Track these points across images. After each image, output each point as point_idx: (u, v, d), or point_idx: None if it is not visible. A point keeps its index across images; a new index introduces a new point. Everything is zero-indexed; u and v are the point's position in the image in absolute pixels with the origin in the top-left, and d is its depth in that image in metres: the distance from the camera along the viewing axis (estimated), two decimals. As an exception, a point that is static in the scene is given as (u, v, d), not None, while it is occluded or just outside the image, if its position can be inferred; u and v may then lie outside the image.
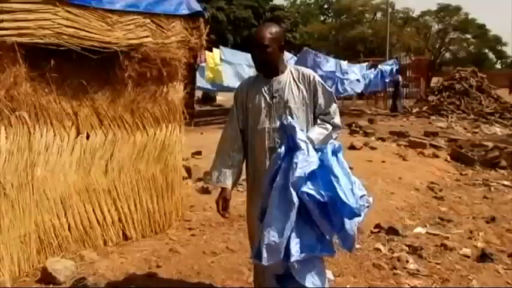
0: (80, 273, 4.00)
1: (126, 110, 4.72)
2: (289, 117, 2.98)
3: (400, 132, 13.27)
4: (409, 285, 4.05)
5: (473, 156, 10.17)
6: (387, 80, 21.61)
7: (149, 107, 4.86)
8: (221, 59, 15.63)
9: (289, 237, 2.76)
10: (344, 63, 19.44)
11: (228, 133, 3.23)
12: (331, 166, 2.79)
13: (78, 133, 4.46)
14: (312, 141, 2.91)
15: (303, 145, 2.80)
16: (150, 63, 4.71)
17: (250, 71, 14.29)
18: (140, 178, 4.85)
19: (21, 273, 3.94)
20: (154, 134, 4.94)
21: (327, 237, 2.88)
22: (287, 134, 2.88)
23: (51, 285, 3.80)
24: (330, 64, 17.76)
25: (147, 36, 4.70)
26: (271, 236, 2.73)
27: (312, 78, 3.12)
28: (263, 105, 3.09)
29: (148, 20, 4.70)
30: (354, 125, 14.78)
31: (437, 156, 10.33)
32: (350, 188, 2.77)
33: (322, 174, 2.79)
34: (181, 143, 5.26)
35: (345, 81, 18.60)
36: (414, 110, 20.43)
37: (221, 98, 25.10)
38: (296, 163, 2.74)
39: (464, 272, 4.37)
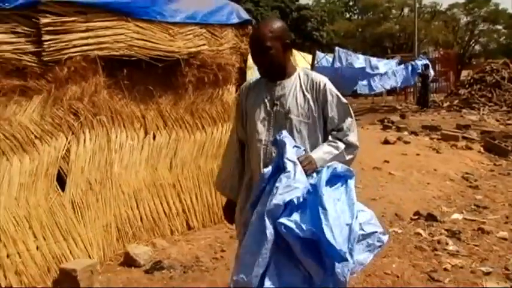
0: (155, 257, 4.50)
1: (186, 112, 5.24)
2: (283, 131, 2.44)
3: (432, 126, 13.30)
4: (450, 264, 4.36)
5: (506, 147, 10.33)
6: (419, 71, 21.43)
7: (207, 108, 5.37)
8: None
9: (264, 276, 2.23)
10: (373, 59, 19.71)
11: (231, 139, 2.87)
12: (322, 195, 2.24)
13: (146, 134, 4.98)
14: (314, 162, 2.42)
15: (289, 166, 2.29)
16: (207, 69, 5.23)
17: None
18: (200, 173, 5.36)
19: (106, 258, 4.47)
20: (212, 132, 5.45)
21: (317, 281, 2.27)
22: (279, 151, 2.41)
23: (133, 268, 4.31)
24: (360, 61, 18.03)
25: (203, 45, 5.22)
26: (240, 271, 2.25)
27: (322, 86, 2.57)
28: (262, 113, 2.59)
29: (204, 30, 5.24)
30: (386, 120, 14.98)
31: (470, 148, 10.47)
32: (346, 223, 2.23)
33: (313, 203, 2.26)
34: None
35: (376, 77, 18.79)
36: (445, 104, 20.31)
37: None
38: (277, 188, 2.24)
39: (502, 252, 4.66)
